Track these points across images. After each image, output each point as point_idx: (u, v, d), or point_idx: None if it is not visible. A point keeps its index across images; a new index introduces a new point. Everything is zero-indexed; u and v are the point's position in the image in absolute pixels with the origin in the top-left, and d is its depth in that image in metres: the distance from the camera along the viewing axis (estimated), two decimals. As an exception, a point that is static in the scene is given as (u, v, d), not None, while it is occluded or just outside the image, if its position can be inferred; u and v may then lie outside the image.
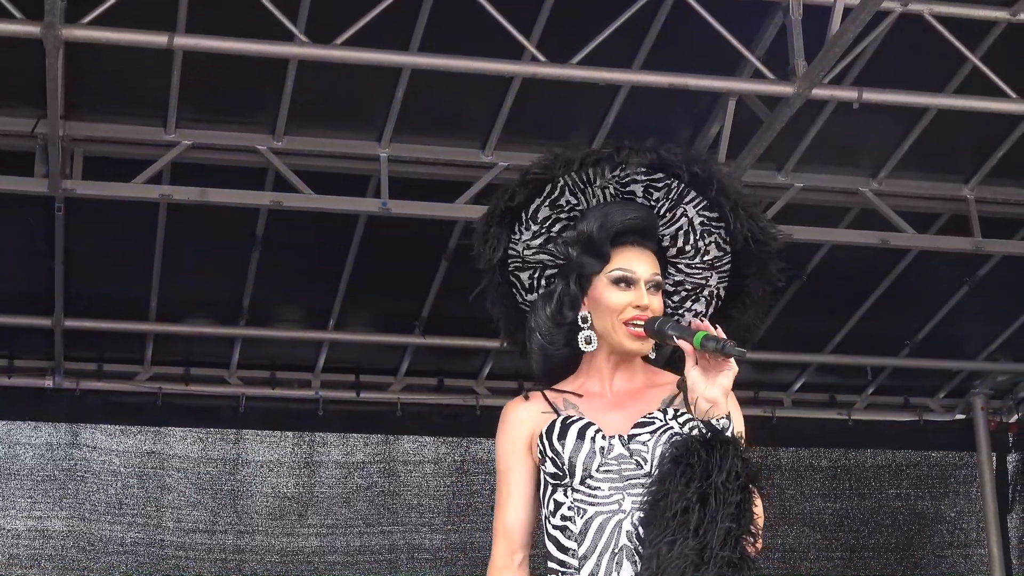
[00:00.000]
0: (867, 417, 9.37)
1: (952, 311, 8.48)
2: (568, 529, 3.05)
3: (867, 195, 7.36)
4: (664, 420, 3.09)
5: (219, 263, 7.78)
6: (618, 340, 3.15)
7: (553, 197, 3.25)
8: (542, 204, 3.26)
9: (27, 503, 8.39)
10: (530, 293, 3.33)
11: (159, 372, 8.55)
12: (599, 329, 3.17)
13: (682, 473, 2.91)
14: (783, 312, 8.26)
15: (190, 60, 6.28)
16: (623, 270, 3.17)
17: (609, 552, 3.01)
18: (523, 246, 3.30)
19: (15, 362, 8.42)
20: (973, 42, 6.48)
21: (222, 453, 8.65)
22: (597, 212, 3.22)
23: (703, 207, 3.25)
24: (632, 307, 3.15)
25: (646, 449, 3.06)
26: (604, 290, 3.17)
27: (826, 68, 5.97)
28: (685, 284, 3.32)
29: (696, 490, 2.89)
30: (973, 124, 6.99)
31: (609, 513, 3.03)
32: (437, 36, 6.21)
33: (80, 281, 7.60)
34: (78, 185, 6.63)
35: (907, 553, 9.27)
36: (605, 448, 3.07)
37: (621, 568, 2.99)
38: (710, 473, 2.89)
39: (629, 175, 3.23)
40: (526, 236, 3.29)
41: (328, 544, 8.65)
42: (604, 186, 3.24)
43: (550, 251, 3.28)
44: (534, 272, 3.32)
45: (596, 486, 3.05)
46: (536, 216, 3.27)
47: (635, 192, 3.26)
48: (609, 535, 3.01)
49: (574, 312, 3.20)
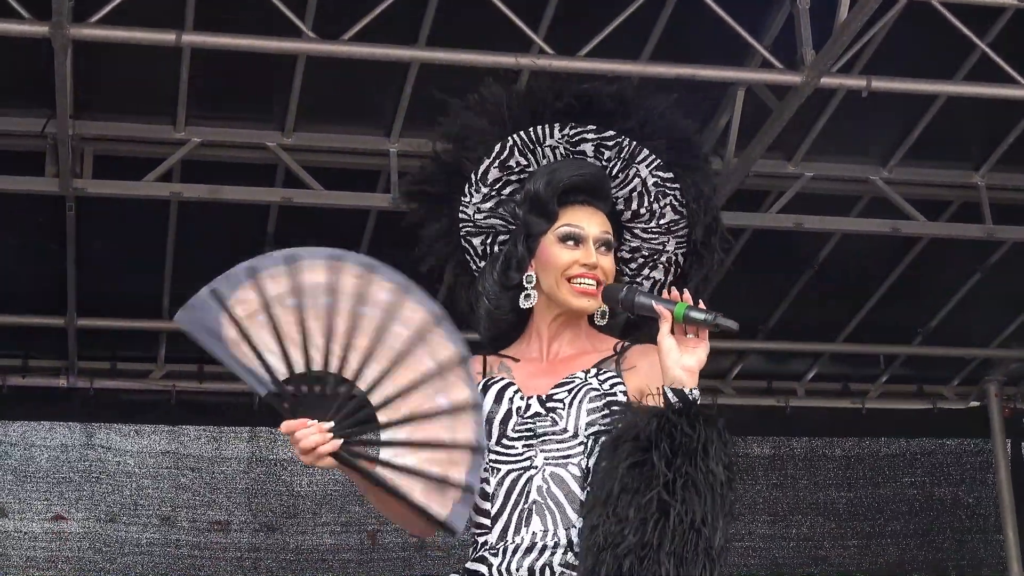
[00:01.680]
0: (881, 406, 9.35)
1: (964, 298, 8.46)
2: (483, 490, 2.96)
3: (877, 183, 7.35)
4: (584, 378, 3.00)
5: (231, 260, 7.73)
6: (562, 297, 3.06)
7: (503, 158, 3.17)
8: (491, 165, 3.18)
9: (43, 505, 8.41)
10: (483, 260, 3.23)
11: (173, 370, 8.55)
12: (545, 288, 3.08)
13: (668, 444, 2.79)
14: (795, 302, 8.26)
15: (199, 57, 6.30)
16: (570, 226, 3.07)
17: (519, 508, 2.94)
18: (474, 209, 3.21)
19: (29, 362, 8.44)
20: (982, 29, 6.46)
21: (236, 452, 8.66)
22: (545, 170, 3.13)
23: (656, 167, 3.15)
24: (579, 264, 3.06)
25: (562, 406, 2.97)
26: (550, 248, 3.08)
27: (834, 57, 5.96)
28: (641, 250, 3.20)
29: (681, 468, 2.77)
30: (983, 111, 6.98)
31: (521, 470, 2.96)
32: (445, 30, 6.22)
33: (92, 280, 7.62)
34: (89, 184, 6.65)
35: (926, 539, 9.24)
36: (521, 408, 3.00)
37: (530, 523, 2.92)
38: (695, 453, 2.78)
39: (579, 133, 3.14)
40: (476, 199, 3.20)
41: (343, 542, 8.66)
42: (554, 146, 3.16)
43: (500, 215, 3.20)
44: (486, 237, 3.23)
45: (510, 444, 2.97)
46: (486, 178, 3.19)
47: (585, 152, 3.16)
48: (520, 491, 2.95)
49: (520, 273, 3.11)
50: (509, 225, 3.18)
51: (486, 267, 3.19)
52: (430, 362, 2.80)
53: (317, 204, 6.88)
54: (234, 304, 2.80)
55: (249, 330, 2.79)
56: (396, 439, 2.81)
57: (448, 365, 2.80)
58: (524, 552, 2.92)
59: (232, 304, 2.80)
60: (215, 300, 2.81)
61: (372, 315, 2.78)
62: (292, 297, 2.79)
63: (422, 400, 2.80)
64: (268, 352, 2.79)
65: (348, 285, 2.79)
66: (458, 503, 2.81)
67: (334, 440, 2.79)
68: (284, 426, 2.80)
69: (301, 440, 2.78)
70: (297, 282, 2.79)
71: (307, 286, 2.79)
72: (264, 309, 2.79)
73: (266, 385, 2.79)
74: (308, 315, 2.78)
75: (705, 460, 2.79)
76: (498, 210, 3.20)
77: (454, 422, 2.80)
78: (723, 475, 2.80)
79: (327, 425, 2.78)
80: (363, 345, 2.78)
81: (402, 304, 2.80)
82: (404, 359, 2.80)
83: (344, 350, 2.78)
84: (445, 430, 2.81)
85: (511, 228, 3.18)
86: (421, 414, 2.81)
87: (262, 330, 2.79)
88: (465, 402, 2.81)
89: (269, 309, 2.79)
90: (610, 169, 3.16)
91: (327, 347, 2.78)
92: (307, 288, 2.79)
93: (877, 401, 9.33)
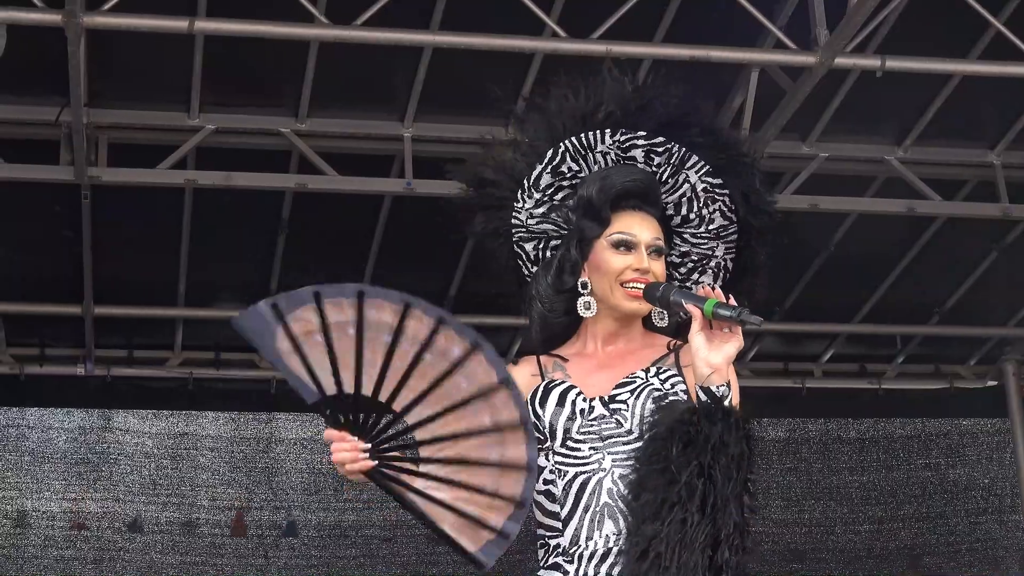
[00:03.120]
0: (897, 386, 9.35)
1: (980, 277, 8.45)
2: (551, 492, 3.01)
3: (893, 163, 7.34)
4: (645, 378, 3.05)
5: (246, 247, 7.80)
6: (615, 301, 3.11)
7: (555, 164, 3.21)
8: (543, 171, 3.22)
9: (61, 485, 8.46)
10: (535, 265, 3.27)
11: (189, 357, 8.58)
12: (598, 293, 3.13)
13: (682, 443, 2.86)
14: (811, 283, 8.25)
15: (211, 44, 6.30)
16: (623, 233, 3.13)
17: (591, 511, 2.97)
18: (526, 215, 3.25)
19: (46, 351, 8.47)
20: (996, 7, 6.44)
21: (255, 432, 8.70)
22: (597, 176, 3.18)
23: (705, 173, 3.19)
24: (631, 270, 3.11)
25: (626, 407, 3.02)
26: (603, 253, 3.12)
27: (848, 37, 5.94)
28: (691, 255, 3.26)
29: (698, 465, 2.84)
30: (998, 90, 6.95)
31: (590, 472, 2.99)
32: (457, 14, 6.21)
33: (108, 268, 7.63)
34: (103, 172, 6.66)
35: (939, 522, 9.25)
36: (585, 410, 3.04)
37: (603, 526, 2.96)
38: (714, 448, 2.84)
39: (629, 140, 3.18)
40: (529, 204, 3.24)
41: (365, 518, 8.70)
42: (605, 152, 3.20)
43: (553, 220, 3.23)
44: (539, 243, 3.27)
45: (576, 447, 3.01)
46: (538, 183, 3.23)
47: (636, 158, 3.20)
48: (590, 494, 2.98)
49: (574, 278, 3.15)
50: (561, 230, 3.22)
51: (539, 271, 3.23)
52: (488, 419, 2.76)
53: (331, 190, 6.88)
54: (292, 321, 2.74)
55: (304, 346, 2.74)
56: (434, 474, 2.78)
57: (507, 426, 2.75)
58: (600, 559, 2.96)
59: (290, 320, 2.74)
60: (274, 314, 2.75)
61: (435, 363, 2.72)
62: (353, 328, 2.72)
63: (471, 450, 2.77)
64: (320, 368, 2.74)
65: (414, 330, 2.72)
66: (490, 543, 2.77)
67: (366, 460, 2.80)
68: (326, 434, 2.83)
69: (336, 452, 2.82)
70: (362, 315, 2.72)
71: (371, 321, 2.72)
72: (322, 331, 2.73)
73: (312, 394, 2.76)
74: (366, 346, 2.72)
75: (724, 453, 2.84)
76: (551, 215, 3.23)
77: (503, 476, 2.77)
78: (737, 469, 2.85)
79: (363, 445, 2.79)
80: (419, 387, 2.74)
81: (471, 361, 2.73)
82: (460, 409, 2.75)
83: (397, 385, 2.74)
84: (491, 480, 2.77)
85: (563, 233, 3.22)
86: (467, 459, 2.78)
87: (316, 349, 2.74)
88: (520, 461, 2.76)
89: (327, 332, 2.73)
90: (660, 175, 3.20)
91: (380, 378, 2.73)
92: (371, 323, 2.72)
93: (894, 381, 9.33)
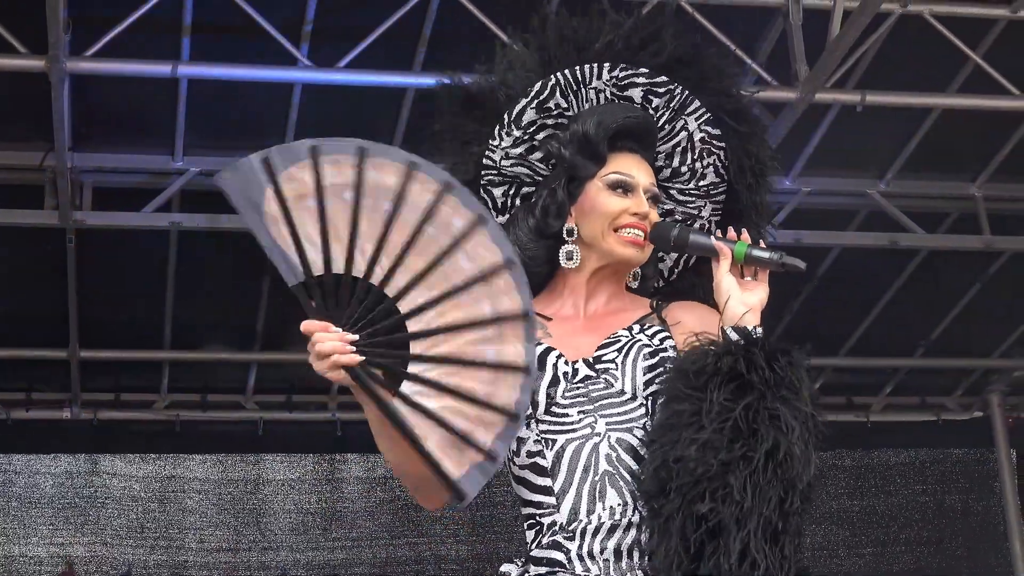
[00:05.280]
0: (885, 418, 9.36)
1: (964, 309, 8.47)
2: (538, 465, 2.71)
3: (875, 197, 7.37)
4: (631, 335, 2.78)
5: (232, 289, 7.80)
6: (607, 247, 2.81)
7: (542, 98, 2.89)
8: (528, 105, 2.90)
9: (48, 530, 8.43)
10: (501, 214, 2.93)
11: (176, 399, 8.56)
12: (587, 238, 2.82)
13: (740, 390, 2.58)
14: (796, 316, 8.26)
15: (195, 88, 6.32)
16: (621, 174, 2.83)
17: (589, 481, 2.67)
18: (501, 154, 2.92)
19: (32, 395, 8.44)
20: (974, 41, 6.50)
21: (243, 474, 8.67)
22: (594, 111, 2.86)
23: (705, 121, 2.91)
24: (628, 214, 2.81)
25: (614, 366, 2.74)
26: (598, 195, 2.82)
27: (828, 72, 5.98)
28: (675, 214, 2.96)
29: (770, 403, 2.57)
30: (978, 122, 7.00)
31: (581, 438, 2.69)
32: (439, 56, 6.24)
33: (94, 312, 7.62)
34: (88, 216, 6.67)
35: (940, 547, 9.25)
36: (569, 373, 2.74)
37: (605, 496, 2.66)
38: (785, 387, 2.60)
39: (629, 77, 2.88)
40: (507, 143, 2.92)
41: (355, 556, 8.67)
42: (600, 88, 2.89)
43: (530, 163, 2.92)
44: (509, 188, 2.94)
45: (563, 412, 2.71)
46: (520, 119, 2.90)
47: (632, 98, 2.90)
48: (586, 462, 2.68)
49: (560, 222, 2.84)
50: (537, 175, 2.92)
51: (518, 215, 2.90)
52: (488, 308, 2.48)
53: (316, 231, 6.88)
54: (284, 179, 2.48)
55: (293, 212, 2.48)
56: (425, 376, 2.48)
57: (508, 317, 2.47)
58: (607, 532, 2.65)
59: (282, 179, 2.48)
60: (264, 170, 2.48)
61: (436, 237, 2.47)
62: (351, 191, 2.47)
63: (467, 346, 2.48)
64: (308, 242, 2.48)
65: (418, 197, 2.48)
66: (475, 468, 2.46)
67: (353, 355, 2.49)
68: (304, 325, 2.52)
69: (318, 343, 2.50)
70: (362, 177, 2.47)
71: (371, 185, 2.48)
72: (316, 195, 2.48)
73: (296, 274, 2.48)
74: (363, 215, 2.47)
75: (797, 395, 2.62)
76: (528, 157, 2.92)
77: (497, 380, 2.47)
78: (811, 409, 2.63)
79: (351, 336, 2.49)
80: (416, 266, 2.48)
81: (474, 236, 2.48)
82: (459, 295, 2.48)
83: (393, 264, 2.47)
84: (484, 385, 2.48)
85: (539, 179, 2.92)
86: (461, 358, 2.49)
87: (307, 216, 2.48)
88: (516, 362, 2.47)
89: (322, 196, 2.48)
90: (657, 119, 2.92)
91: (375, 255, 2.47)
92: (370, 186, 2.48)
93: (881, 414, 9.34)
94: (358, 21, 6.06)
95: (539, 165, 2.92)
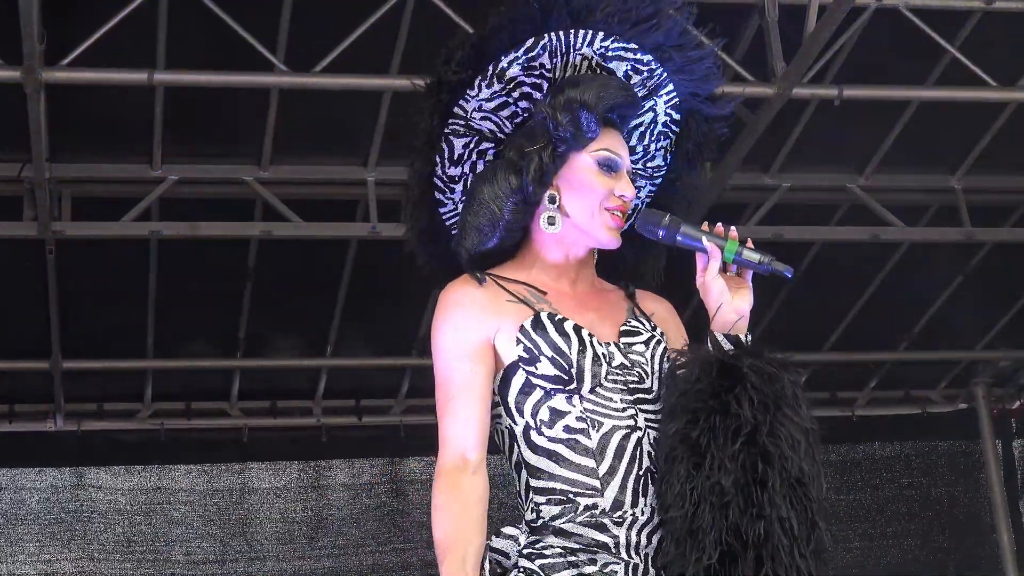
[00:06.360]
0: (870, 413, 9.37)
1: (947, 302, 8.48)
2: (578, 442, 2.64)
3: (855, 191, 7.37)
4: (650, 329, 2.79)
5: (213, 296, 7.78)
6: (594, 227, 2.77)
7: (532, 55, 2.82)
8: (515, 60, 2.82)
9: (35, 547, 8.39)
10: (454, 166, 2.87)
11: (160, 408, 8.54)
12: (572, 214, 2.77)
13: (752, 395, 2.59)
14: (779, 312, 8.26)
15: (172, 95, 6.30)
16: (611, 152, 2.80)
17: (634, 474, 2.64)
18: (476, 105, 2.85)
19: (16, 407, 8.42)
20: (950, 33, 6.50)
21: (228, 484, 8.65)
22: (593, 81, 2.80)
23: (672, 106, 2.90)
24: (615, 195, 2.78)
25: (644, 361, 2.73)
26: (587, 171, 2.78)
27: (804, 67, 5.99)
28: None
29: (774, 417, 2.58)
30: (956, 115, 7.00)
31: (628, 429, 2.66)
32: (416, 58, 6.23)
33: (76, 322, 7.60)
34: (67, 227, 6.65)
35: (927, 539, 9.26)
36: (606, 355, 2.70)
37: (647, 494, 2.64)
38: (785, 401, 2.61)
39: (618, 51, 2.84)
40: (484, 94, 2.84)
41: (341, 564, 8.65)
42: (589, 56, 2.84)
43: (499, 119, 2.84)
44: (470, 141, 2.86)
45: (608, 396, 2.67)
46: (504, 73, 2.83)
47: (614, 71, 2.87)
48: (632, 454, 2.64)
49: (543, 189, 2.78)
50: (498, 134, 2.85)
51: (496, 173, 2.81)
52: None
53: (297, 236, 6.89)
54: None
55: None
56: None
57: None
58: (653, 528, 2.64)
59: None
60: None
61: None
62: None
63: None
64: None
65: None
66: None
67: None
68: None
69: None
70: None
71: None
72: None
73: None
74: None
75: (797, 409, 2.62)
76: (499, 112, 2.84)
77: None
78: (813, 423, 2.63)
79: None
80: None
81: None
82: None
83: None
84: None
85: (499, 137, 2.85)
86: None
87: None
88: None
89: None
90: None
91: None
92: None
93: (866, 408, 9.34)
94: (334, 25, 6.05)
95: (506, 123, 2.86)
